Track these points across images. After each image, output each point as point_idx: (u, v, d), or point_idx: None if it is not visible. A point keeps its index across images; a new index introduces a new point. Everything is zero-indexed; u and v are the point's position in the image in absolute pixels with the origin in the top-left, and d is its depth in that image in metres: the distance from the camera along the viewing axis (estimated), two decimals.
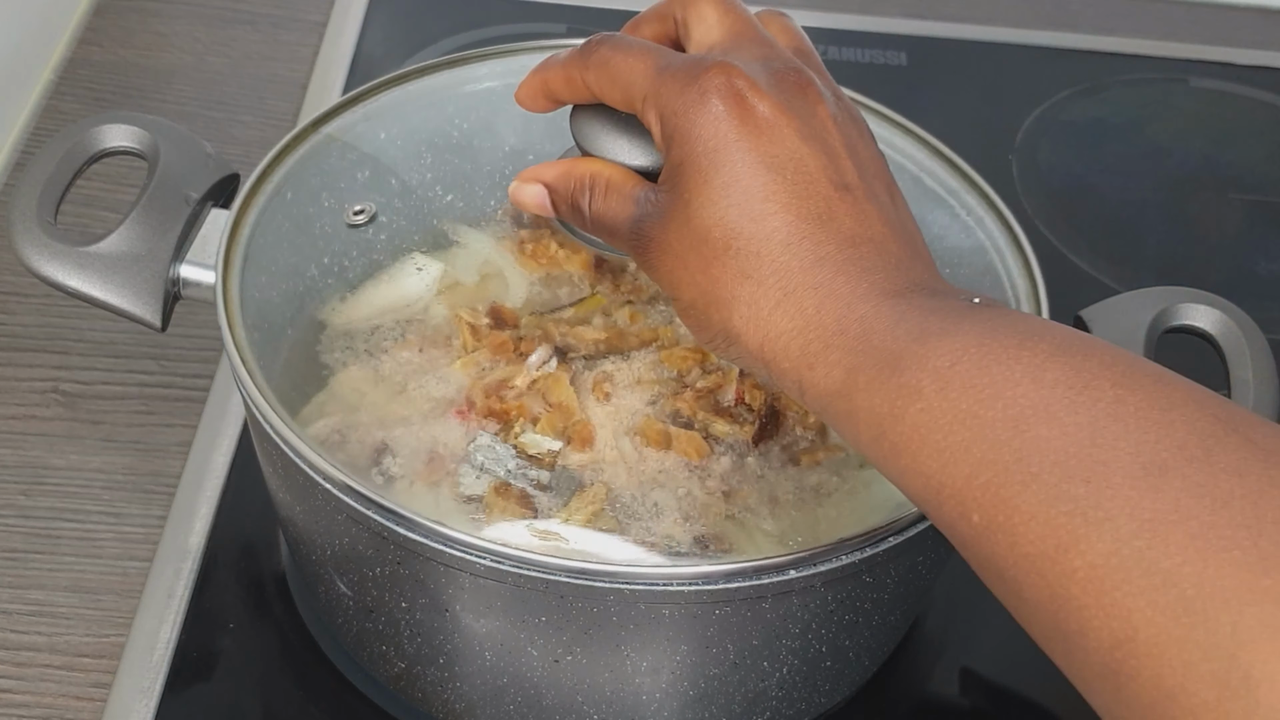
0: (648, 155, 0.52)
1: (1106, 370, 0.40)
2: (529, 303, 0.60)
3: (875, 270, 0.46)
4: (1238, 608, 0.35)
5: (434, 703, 0.59)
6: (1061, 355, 0.41)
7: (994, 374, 0.41)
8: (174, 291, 0.60)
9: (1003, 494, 0.40)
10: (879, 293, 0.45)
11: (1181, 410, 0.39)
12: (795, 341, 0.45)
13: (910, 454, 0.42)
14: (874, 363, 0.43)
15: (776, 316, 0.46)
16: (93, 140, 0.62)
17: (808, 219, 0.46)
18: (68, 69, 0.92)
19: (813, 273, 0.46)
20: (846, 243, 0.46)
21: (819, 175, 0.47)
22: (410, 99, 0.66)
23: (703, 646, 0.53)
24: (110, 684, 0.62)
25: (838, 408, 0.44)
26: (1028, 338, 0.42)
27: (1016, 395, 0.40)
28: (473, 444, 0.55)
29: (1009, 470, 0.40)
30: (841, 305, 0.45)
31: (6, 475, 0.70)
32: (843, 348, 0.44)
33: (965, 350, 0.42)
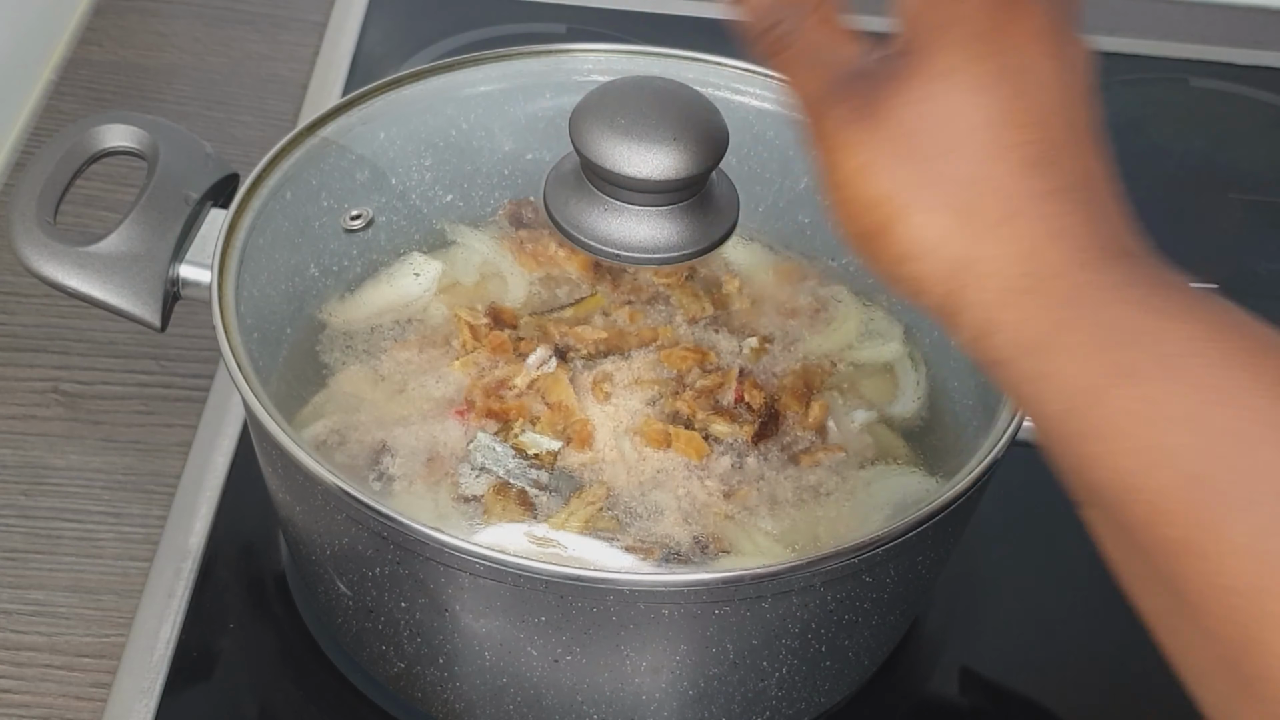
0: (656, 165, 0.52)
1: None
2: (528, 302, 0.60)
3: (1103, 221, 0.41)
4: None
5: (433, 702, 0.59)
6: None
7: (1229, 377, 0.36)
8: (173, 291, 0.60)
9: (1212, 516, 0.35)
10: (1106, 247, 0.40)
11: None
12: (1001, 273, 0.39)
13: (1106, 442, 0.37)
14: (1090, 324, 0.38)
15: (988, 239, 0.40)
16: (92, 140, 0.62)
17: (1052, 145, 0.41)
18: (68, 69, 0.92)
19: (1044, 203, 0.40)
20: (1082, 183, 0.41)
21: (1063, 109, 0.42)
22: (408, 101, 0.66)
23: (702, 646, 0.53)
24: (110, 684, 0.62)
25: (1026, 366, 0.39)
26: (1270, 346, 0.36)
27: (1251, 407, 0.35)
28: (472, 444, 0.55)
29: (1226, 492, 0.35)
30: (1070, 247, 0.39)
31: (6, 475, 0.70)
32: (1057, 296, 0.39)
33: (1198, 341, 0.37)
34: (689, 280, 0.60)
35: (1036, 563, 0.70)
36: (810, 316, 0.61)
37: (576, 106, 0.55)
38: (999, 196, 0.40)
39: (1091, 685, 0.66)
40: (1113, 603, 0.71)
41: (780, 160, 0.65)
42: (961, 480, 0.52)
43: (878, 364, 0.61)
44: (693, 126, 0.54)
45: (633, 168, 0.53)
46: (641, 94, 0.55)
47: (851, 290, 0.62)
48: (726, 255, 0.61)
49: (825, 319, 0.61)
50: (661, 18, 1.00)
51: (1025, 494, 0.72)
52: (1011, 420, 0.54)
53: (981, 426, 0.56)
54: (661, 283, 0.60)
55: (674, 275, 0.60)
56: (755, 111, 0.66)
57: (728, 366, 0.57)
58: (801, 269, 0.62)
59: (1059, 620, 0.68)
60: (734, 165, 0.59)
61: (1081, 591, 0.69)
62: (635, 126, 0.52)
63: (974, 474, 0.53)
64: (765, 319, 0.60)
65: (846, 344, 0.61)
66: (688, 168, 0.53)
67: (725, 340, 0.59)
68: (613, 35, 0.91)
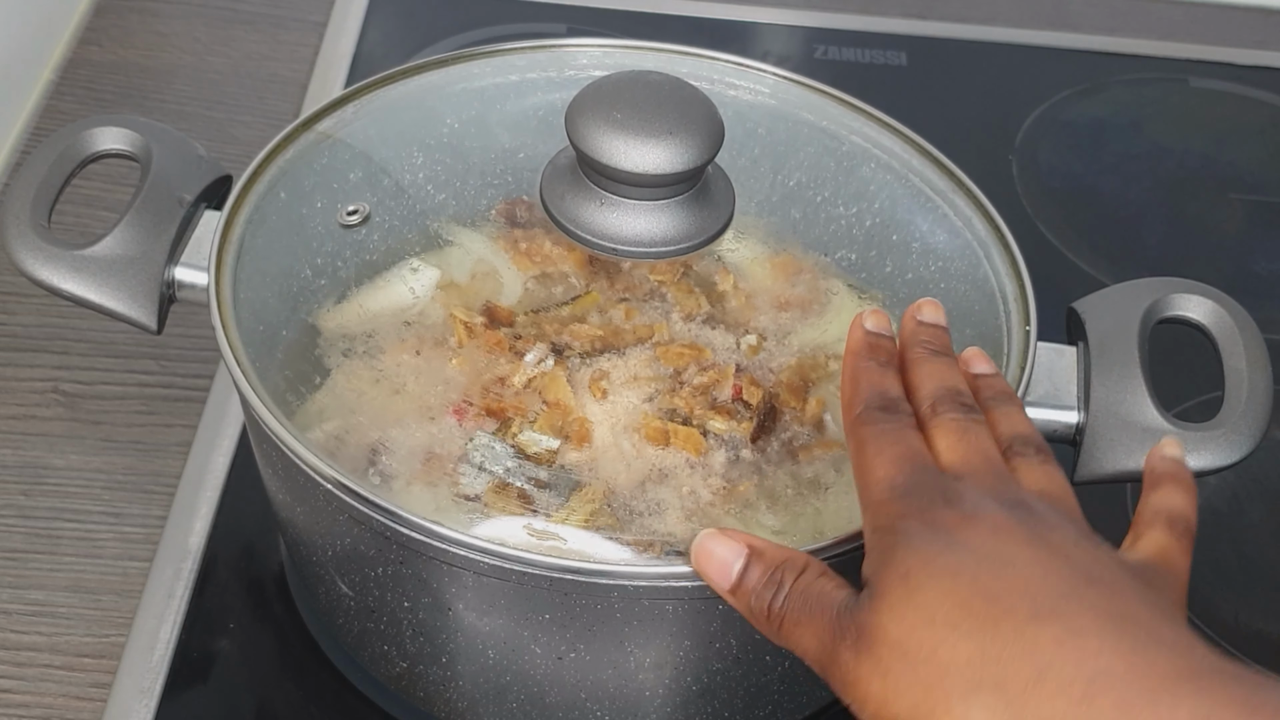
0: (653, 159, 0.52)
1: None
2: (524, 301, 0.60)
3: (1140, 655, 0.40)
4: None
5: (436, 702, 0.59)
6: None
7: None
8: (169, 294, 0.60)
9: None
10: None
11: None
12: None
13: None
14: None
15: (1034, 697, 0.40)
16: (85, 143, 0.62)
17: (1034, 606, 0.42)
18: (68, 69, 0.92)
19: (1058, 649, 0.41)
20: (1094, 621, 0.41)
21: (1044, 574, 0.43)
22: (403, 98, 0.66)
23: (706, 641, 0.53)
24: (110, 684, 0.62)
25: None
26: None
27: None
28: (471, 443, 0.55)
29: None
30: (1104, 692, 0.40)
31: (6, 475, 0.70)
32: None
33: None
34: (684, 277, 0.60)
35: None
36: (806, 310, 0.61)
37: (573, 101, 0.55)
38: (1013, 660, 0.41)
39: None
40: None
41: (774, 155, 0.65)
42: None
43: None
44: (689, 121, 0.54)
45: (629, 162, 0.53)
46: (637, 88, 0.55)
47: (846, 284, 0.62)
48: (721, 251, 0.61)
49: (821, 312, 0.61)
50: (662, 18, 1.00)
51: None
52: None
53: None
54: (657, 279, 0.60)
55: (669, 272, 0.60)
56: (750, 106, 0.66)
57: (724, 363, 0.57)
58: (796, 263, 0.63)
59: None
60: (728, 160, 0.59)
61: None
62: (631, 121, 0.52)
63: None
64: (761, 314, 0.60)
65: (841, 335, 0.61)
66: (684, 161, 0.53)
67: (721, 336, 0.59)
68: (613, 35, 0.91)
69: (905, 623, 0.42)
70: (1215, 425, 0.57)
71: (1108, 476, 0.57)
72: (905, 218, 0.64)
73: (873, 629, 0.43)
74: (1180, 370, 0.67)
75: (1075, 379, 0.59)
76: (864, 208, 0.64)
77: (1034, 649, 0.40)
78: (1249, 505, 0.74)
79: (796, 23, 1.03)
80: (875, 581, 0.44)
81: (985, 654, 0.41)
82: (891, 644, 0.42)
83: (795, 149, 0.65)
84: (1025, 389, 0.55)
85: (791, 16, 1.03)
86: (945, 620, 0.42)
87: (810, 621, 0.45)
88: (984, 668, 0.41)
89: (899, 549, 0.44)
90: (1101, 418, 0.57)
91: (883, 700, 0.42)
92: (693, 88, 0.55)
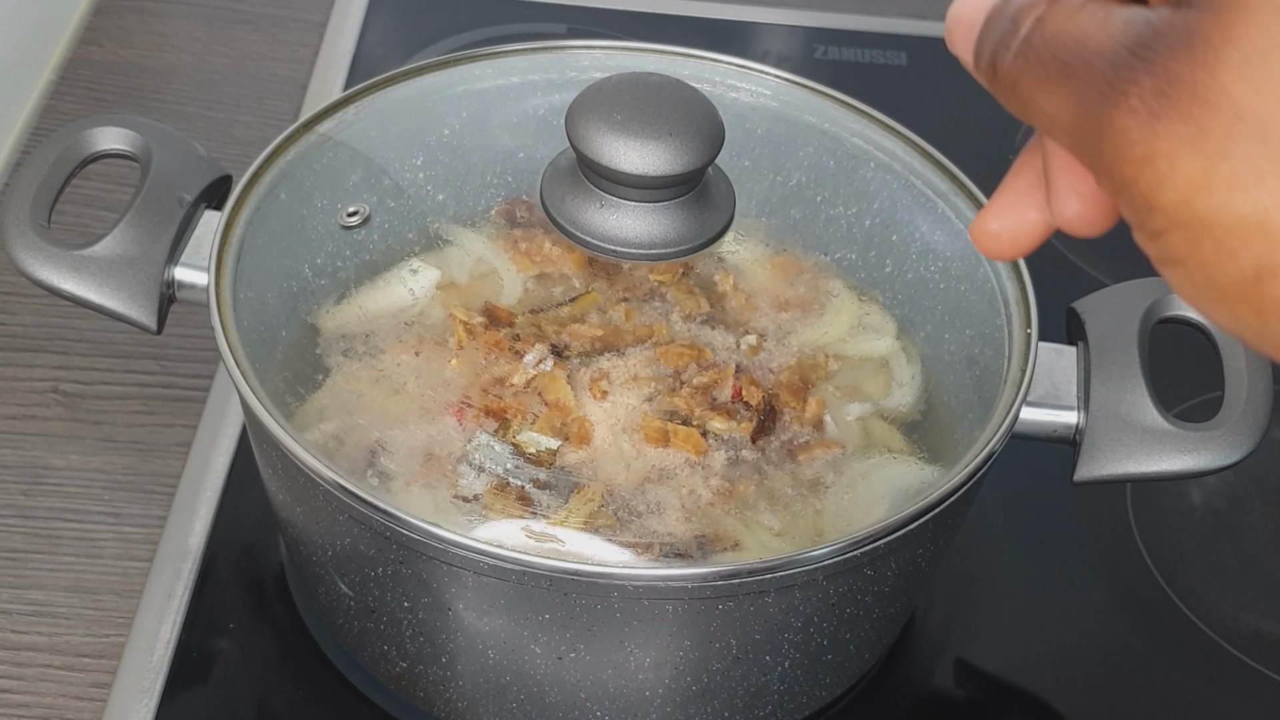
0: (653, 160, 0.52)
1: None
2: (523, 301, 0.60)
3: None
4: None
5: (436, 702, 0.59)
6: None
7: None
8: (169, 294, 0.60)
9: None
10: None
11: None
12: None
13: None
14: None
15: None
16: (85, 143, 0.62)
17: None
18: (68, 69, 0.92)
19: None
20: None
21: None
22: (403, 99, 0.66)
23: (706, 642, 0.53)
24: (110, 684, 0.62)
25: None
26: None
27: None
28: (471, 443, 0.55)
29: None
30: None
31: (6, 475, 0.70)
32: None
33: None
34: (684, 277, 0.60)
35: (1035, 559, 0.70)
36: (806, 310, 0.61)
37: (573, 102, 0.55)
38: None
39: (1090, 680, 0.66)
40: (1110, 598, 0.71)
41: (774, 155, 0.65)
42: (961, 471, 0.52)
43: (874, 358, 0.61)
44: (689, 122, 0.54)
45: (629, 163, 0.53)
46: (637, 90, 0.55)
47: (846, 284, 0.62)
48: (721, 251, 0.61)
49: (820, 312, 0.61)
50: (662, 18, 1.00)
51: (1024, 491, 0.72)
52: (1009, 412, 0.54)
53: (978, 419, 0.56)
54: (657, 279, 0.60)
55: (669, 272, 0.60)
56: (750, 107, 0.66)
57: (724, 363, 0.57)
58: (796, 263, 0.63)
59: (1058, 615, 0.68)
60: (729, 161, 0.59)
61: (1080, 587, 0.70)
62: (631, 122, 0.52)
63: (973, 465, 0.53)
64: (761, 314, 0.60)
65: (841, 336, 0.61)
66: (684, 163, 0.53)
67: (721, 336, 0.59)
68: (613, 35, 0.91)
69: (1276, 90, 0.27)
70: (1215, 425, 0.57)
71: (1108, 477, 0.57)
72: (905, 218, 0.64)
73: (1195, 86, 0.28)
74: (1180, 370, 0.67)
75: (1075, 379, 0.59)
76: (864, 208, 0.64)
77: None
78: (1249, 505, 0.74)
79: (796, 23, 1.03)
80: (1204, 3, 0.29)
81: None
82: (1238, 117, 0.28)
83: (795, 150, 0.65)
84: (1026, 391, 0.55)
85: (791, 16, 1.03)
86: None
87: (1060, 78, 0.31)
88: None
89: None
90: (1101, 418, 0.57)
91: (1204, 186, 0.29)
92: (693, 89, 0.55)
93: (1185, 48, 0.29)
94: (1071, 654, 0.67)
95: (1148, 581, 0.70)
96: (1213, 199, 0.28)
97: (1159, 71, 0.29)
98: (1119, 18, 0.30)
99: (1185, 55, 0.29)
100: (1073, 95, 0.31)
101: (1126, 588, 0.69)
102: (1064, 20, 0.31)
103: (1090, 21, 0.31)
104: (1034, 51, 0.32)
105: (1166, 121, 0.29)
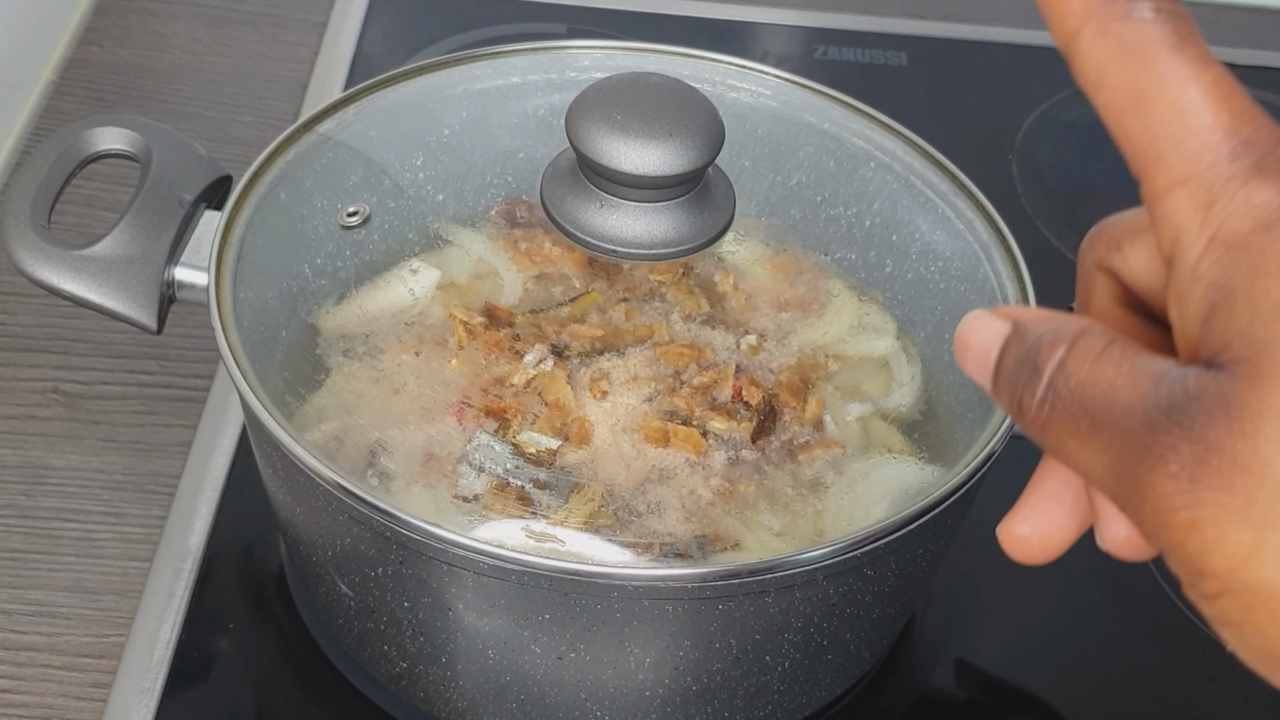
0: (653, 160, 0.52)
1: None
2: (524, 301, 0.60)
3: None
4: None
5: (436, 702, 0.59)
6: None
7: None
8: (169, 294, 0.60)
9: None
10: None
11: None
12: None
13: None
14: None
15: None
16: (85, 143, 0.62)
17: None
18: (68, 69, 0.92)
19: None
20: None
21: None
22: (403, 100, 0.66)
23: (706, 642, 0.53)
24: (110, 684, 0.62)
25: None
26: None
27: None
28: (471, 443, 0.55)
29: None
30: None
31: (6, 475, 0.70)
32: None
33: None
34: (684, 277, 0.60)
35: None
36: (806, 310, 0.61)
37: (573, 102, 0.55)
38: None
39: (1090, 680, 0.66)
40: (1110, 597, 0.71)
41: (774, 155, 0.65)
42: (962, 471, 0.52)
43: (874, 358, 0.61)
44: (689, 122, 0.54)
45: (629, 163, 0.53)
46: (638, 90, 0.55)
47: (846, 284, 0.63)
48: (721, 251, 0.61)
49: (820, 312, 0.61)
50: (662, 18, 1.00)
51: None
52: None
53: (978, 419, 0.56)
54: (657, 279, 0.60)
55: (669, 272, 0.60)
56: (750, 108, 0.66)
57: (724, 363, 0.57)
58: (796, 263, 0.63)
59: (1058, 615, 0.68)
60: (728, 161, 0.59)
61: (1079, 587, 0.70)
62: (632, 122, 0.52)
63: (973, 464, 0.53)
64: (761, 314, 0.60)
65: (841, 336, 0.61)
66: (684, 163, 0.53)
67: (721, 336, 0.59)
68: (613, 35, 0.91)
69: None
70: None
71: None
72: (905, 218, 0.64)
73: (1236, 456, 0.28)
74: None
75: None
76: (864, 208, 0.64)
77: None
78: None
79: (796, 23, 1.03)
80: (1237, 370, 0.28)
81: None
82: (1255, 468, 0.27)
83: (795, 150, 0.65)
84: None
85: (791, 16, 1.03)
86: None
87: (1092, 431, 0.30)
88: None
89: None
90: None
91: (1256, 557, 0.28)
92: (693, 89, 0.55)
93: (1223, 416, 0.28)
94: (1071, 654, 0.67)
95: (1147, 582, 0.70)
96: (1265, 570, 0.28)
97: (1197, 439, 0.28)
98: (1146, 373, 0.30)
99: (1223, 424, 0.28)
100: (1106, 450, 0.30)
101: (1126, 588, 0.69)
102: (1088, 369, 0.31)
103: (1116, 374, 0.30)
104: (1061, 401, 0.31)
105: (1210, 490, 0.28)
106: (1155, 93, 0.31)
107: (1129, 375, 0.30)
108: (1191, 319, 0.30)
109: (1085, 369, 0.31)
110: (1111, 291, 0.38)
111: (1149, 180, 0.31)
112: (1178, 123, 0.30)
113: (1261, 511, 0.28)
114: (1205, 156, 0.30)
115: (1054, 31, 0.32)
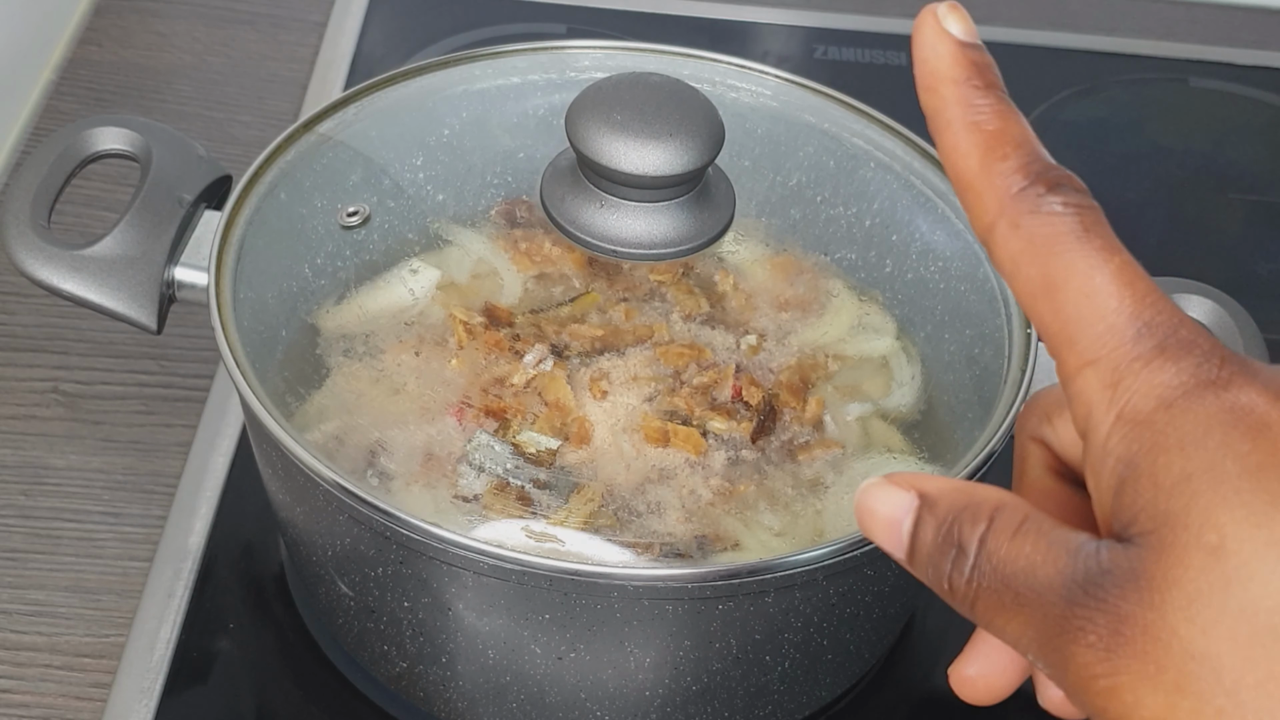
0: (653, 160, 0.52)
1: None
2: (523, 301, 0.60)
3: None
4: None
5: (436, 702, 0.59)
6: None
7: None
8: (169, 294, 0.60)
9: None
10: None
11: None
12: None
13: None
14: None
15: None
16: (84, 143, 0.62)
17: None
18: (68, 69, 0.92)
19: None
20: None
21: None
22: (403, 100, 0.66)
23: (706, 642, 0.53)
24: (110, 684, 0.62)
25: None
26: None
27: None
28: (471, 443, 0.55)
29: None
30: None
31: (6, 475, 0.70)
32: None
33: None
34: (684, 277, 0.60)
35: None
36: (806, 310, 0.61)
37: (573, 102, 0.55)
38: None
39: None
40: None
41: (774, 155, 0.65)
42: (961, 471, 0.52)
43: (874, 358, 0.61)
44: (689, 122, 0.54)
45: (629, 163, 0.53)
46: (637, 90, 0.55)
47: (846, 284, 0.63)
48: (721, 251, 0.61)
49: (820, 312, 0.61)
50: (662, 18, 1.00)
51: None
52: (1009, 412, 0.54)
53: (978, 419, 0.56)
54: (657, 279, 0.60)
55: (669, 272, 0.60)
56: (750, 108, 0.66)
57: (724, 363, 0.57)
58: (796, 263, 0.63)
59: None
60: (728, 161, 0.59)
61: None
62: (632, 122, 0.52)
63: (973, 464, 0.53)
64: (761, 314, 0.60)
65: (841, 336, 0.61)
66: (684, 163, 0.53)
67: (721, 336, 0.59)
68: (613, 35, 0.91)
69: (1220, 632, 0.29)
70: None
71: None
72: (905, 218, 0.64)
73: (1147, 627, 0.29)
74: None
75: None
76: (864, 208, 0.64)
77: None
78: None
79: (796, 23, 1.03)
80: (1144, 542, 0.30)
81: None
82: (1190, 657, 0.29)
83: (795, 150, 0.65)
84: (1026, 391, 0.55)
85: (791, 16, 1.03)
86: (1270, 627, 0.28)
87: (1016, 606, 0.32)
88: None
89: (1199, 486, 0.29)
90: None
91: (1169, 719, 0.29)
92: (693, 89, 0.55)
93: (1133, 589, 0.30)
94: None
95: None
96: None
97: (1111, 611, 0.30)
98: (1063, 548, 0.32)
99: (1134, 596, 0.30)
100: (1030, 623, 0.32)
101: None
102: (1007, 546, 0.32)
103: (1034, 550, 0.32)
104: (985, 580, 0.33)
105: (1125, 659, 0.30)
106: (1064, 280, 0.32)
107: (1046, 551, 0.32)
108: (1105, 492, 0.32)
109: (1005, 546, 0.32)
110: (1044, 461, 0.40)
111: (1061, 361, 0.33)
112: (1086, 307, 0.32)
113: (1172, 677, 0.29)
114: (1111, 339, 0.32)
115: (973, 224, 0.35)
